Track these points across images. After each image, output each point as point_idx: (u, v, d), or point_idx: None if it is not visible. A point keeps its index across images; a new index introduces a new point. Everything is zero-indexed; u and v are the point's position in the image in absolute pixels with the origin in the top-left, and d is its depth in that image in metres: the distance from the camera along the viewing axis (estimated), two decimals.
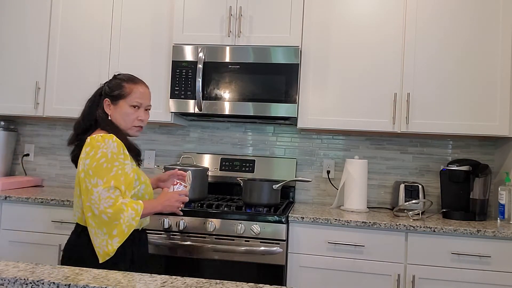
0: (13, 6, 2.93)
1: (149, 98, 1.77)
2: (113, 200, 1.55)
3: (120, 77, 1.76)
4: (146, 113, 1.76)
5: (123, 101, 1.70)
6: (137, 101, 1.71)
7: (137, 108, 1.72)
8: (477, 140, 2.78)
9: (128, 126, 1.71)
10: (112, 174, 1.56)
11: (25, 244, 2.52)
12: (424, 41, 2.52)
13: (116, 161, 1.58)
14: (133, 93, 1.71)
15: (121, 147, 1.61)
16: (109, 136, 1.61)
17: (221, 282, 0.99)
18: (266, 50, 2.56)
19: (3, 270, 0.99)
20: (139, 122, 1.73)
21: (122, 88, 1.72)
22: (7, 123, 3.15)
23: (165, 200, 1.70)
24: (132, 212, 1.57)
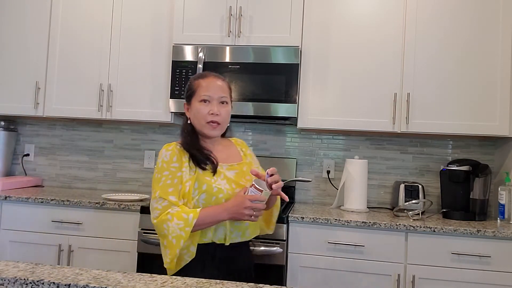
0: (13, 6, 2.94)
1: (220, 89, 1.58)
2: (159, 211, 1.47)
3: (193, 77, 1.67)
4: (221, 106, 1.58)
5: (193, 100, 1.59)
6: (204, 94, 1.56)
7: (207, 103, 1.56)
8: (477, 140, 2.78)
9: (201, 124, 1.57)
10: (160, 184, 1.49)
11: (25, 244, 2.52)
12: (424, 41, 2.52)
13: (166, 171, 1.50)
14: (200, 87, 1.58)
15: (174, 155, 1.52)
16: (169, 144, 1.56)
17: (221, 282, 0.99)
18: (266, 50, 2.56)
19: (3, 270, 0.99)
20: (211, 117, 1.55)
21: (191, 86, 1.62)
22: (7, 123, 3.15)
23: (232, 207, 1.46)
24: (179, 222, 1.43)
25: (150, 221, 2.31)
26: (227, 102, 1.60)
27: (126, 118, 2.78)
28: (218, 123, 1.57)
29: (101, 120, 2.95)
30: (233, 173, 1.58)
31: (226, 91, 1.60)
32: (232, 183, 1.54)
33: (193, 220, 1.43)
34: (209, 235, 1.52)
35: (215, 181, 1.52)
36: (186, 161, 1.52)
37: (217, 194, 1.50)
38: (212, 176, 1.52)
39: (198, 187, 1.49)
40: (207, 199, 1.50)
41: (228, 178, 1.55)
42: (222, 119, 1.58)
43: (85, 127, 3.20)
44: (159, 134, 3.11)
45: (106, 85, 2.80)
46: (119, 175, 3.13)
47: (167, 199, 1.47)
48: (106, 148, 3.16)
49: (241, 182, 1.56)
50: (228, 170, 1.58)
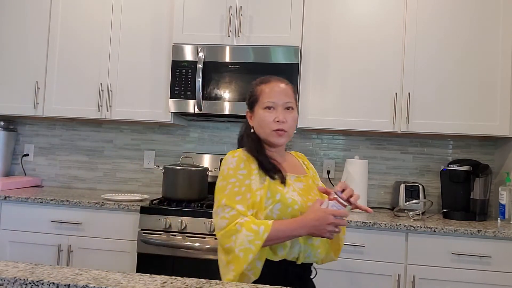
0: (13, 6, 2.93)
1: (285, 94, 1.46)
2: (227, 220, 1.30)
3: (253, 82, 1.55)
4: (287, 112, 1.45)
5: (257, 107, 1.46)
6: (268, 101, 1.43)
7: (272, 109, 1.43)
8: (478, 140, 2.78)
9: (267, 132, 1.43)
10: (226, 192, 1.34)
11: (24, 244, 2.52)
12: (424, 41, 2.51)
13: (233, 178, 1.36)
14: (263, 93, 1.46)
15: (241, 162, 1.38)
16: (235, 151, 1.43)
17: (221, 282, 0.98)
18: (266, 50, 2.56)
19: (3, 270, 0.98)
20: (276, 125, 1.42)
21: (253, 93, 1.50)
22: (6, 123, 3.15)
23: (312, 221, 1.29)
24: (249, 233, 1.26)
25: (150, 221, 2.32)
26: (292, 107, 1.46)
27: (126, 118, 2.77)
28: (285, 131, 1.43)
29: (100, 120, 2.95)
30: (301, 186, 1.46)
31: (291, 95, 1.48)
32: (302, 195, 1.42)
33: (264, 233, 1.26)
34: (282, 252, 1.34)
35: (287, 192, 1.38)
36: (255, 168, 1.39)
37: (292, 205, 1.36)
38: (283, 187, 1.39)
39: (271, 196, 1.35)
40: (283, 210, 1.35)
41: (297, 190, 1.43)
42: (289, 126, 1.44)
43: (84, 127, 3.19)
44: (159, 134, 3.11)
45: (105, 85, 2.80)
46: (119, 175, 3.13)
47: (234, 208, 1.31)
48: (105, 148, 3.16)
49: (309, 196, 1.44)
50: (296, 181, 1.46)
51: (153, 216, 2.34)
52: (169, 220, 2.31)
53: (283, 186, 1.39)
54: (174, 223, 2.31)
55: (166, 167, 2.51)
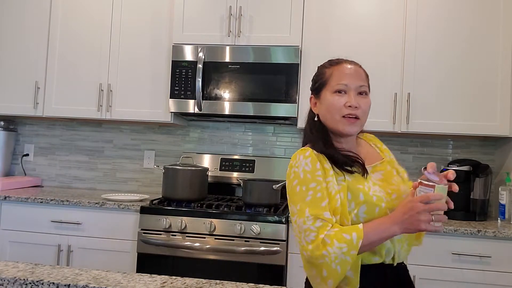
0: (13, 6, 2.93)
1: (358, 76, 1.29)
2: (314, 233, 1.13)
3: (321, 64, 1.38)
4: (361, 98, 1.27)
5: (325, 91, 1.29)
6: (339, 83, 1.26)
7: (342, 93, 1.26)
8: (478, 140, 2.78)
9: (336, 119, 1.25)
10: (308, 199, 1.16)
11: (24, 244, 2.52)
12: (424, 41, 2.51)
13: (312, 182, 1.17)
14: (333, 76, 1.28)
15: (316, 162, 1.20)
16: (302, 150, 1.25)
17: (221, 282, 0.99)
18: (266, 50, 2.56)
19: (3, 270, 0.98)
20: (348, 110, 1.24)
21: (321, 75, 1.33)
22: (6, 123, 3.15)
23: (403, 216, 1.11)
24: (341, 245, 1.10)
25: (150, 221, 2.32)
26: (366, 93, 1.30)
27: (126, 118, 2.77)
28: (357, 118, 1.25)
29: (100, 120, 2.95)
30: (379, 176, 1.28)
31: (364, 79, 1.31)
32: (383, 187, 1.25)
33: (358, 241, 1.10)
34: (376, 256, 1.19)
35: (369, 189, 1.20)
36: (329, 168, 1.20)
37: (379, 203, 1.19)
38: (364, 183, 1.21)
39: (353, 198, 1.18)
40: (369, 212, 1.18)
41: (378, 183, 1.25)
42: (362, 113, 1.26)
43: (84, 127, 3.19)
44: (158, 134, 3.11)
45: (105, 85, 2.80)
46: (119, 175, 3.13)
47: (320, 218, 1.14)
48: (105, 148, 3.16)
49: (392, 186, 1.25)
50: (373, 172, 1.28)
51: (153, 216, 2.34)
52: (169, 220, 2.31)
53: (364, 182, 1.21)
54: (174, 223, 2.31)
55: (166, 167, 2.51)
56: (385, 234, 1.13)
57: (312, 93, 1.35)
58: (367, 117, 1.30)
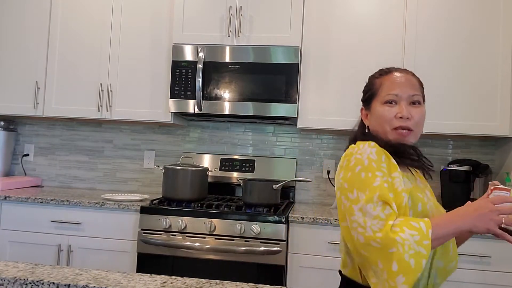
0: (13, 6, 2.93)
1: (410, 86, 1.21)
2: (383, 221, 1.01)
3: (371, 75, 1.31)
4: (412, 107, 1.19)
5: (375, 102, 1.23)
6: (389, 94, 1.20)
7: (393, 104, 1.19)
8: (478, 140, 2.78)
9: (386, 130, 1.19)
10: (376, 184, 1.06)
11: (24, 244, 2.52)
12: (424, 41, 2.51)
13: (378, 171, 1.09)
14: (383, 86, 1.22)
15: (383, 154, 1.13)
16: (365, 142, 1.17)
17: (221, 282, 0.99)
18: (266, 50, 2.56)
19: (3, 270, 0.98)
20: (399, 121, 1.17)
21: (371, 86, 1.27)
22: (6, 123, 3.15)
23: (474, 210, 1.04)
24: (412, 232, 0.99)
25: (150, 221, 2.32)
26: (420, 102, 1.21)
27: (126, 118, 2.77)
28: (410, 129, 1.17)
29: (100, 120, 2.95)
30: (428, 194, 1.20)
31: (417, 88, 1.23)
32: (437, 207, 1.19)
33: (428, 230, 0.99)
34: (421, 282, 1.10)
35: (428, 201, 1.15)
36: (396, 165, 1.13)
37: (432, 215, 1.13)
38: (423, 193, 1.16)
39: (413, 205, 1.11)
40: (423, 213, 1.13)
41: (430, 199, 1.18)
42: (415, 124, 1.18)
43: (84, 127, 3.19)
44: (158, 134, 3.11)
45: (105, 85, 2.80)
46: (119, 175, 3.13)
47: (389, 204, 1.04)
48: (105, 148, 3.16)
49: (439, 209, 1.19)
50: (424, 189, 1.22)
51: (153, 216, 2.34)
52: (169, 220, 2.31)
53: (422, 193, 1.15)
54: (174, 223, 2.31)
55: (166, 167, 2.51)
56: (453, 228, 1.02)
57: (363, 104, 1.30)
58: (421, 128, 1.22)
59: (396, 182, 1.09)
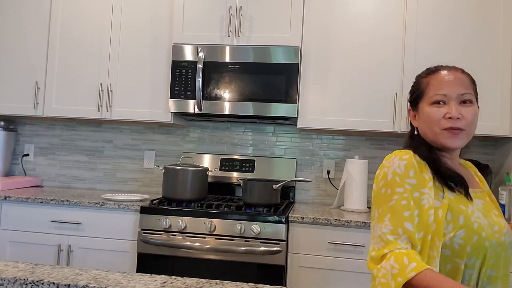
0: (13, 6, 2.93)
1: (460, 84, 1.15)
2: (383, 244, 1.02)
3: (418, 74, 1.26)
4: (464, 107, 1.13)
5: (422, 103, 1.19)
6: (437, 94, 1.15)
7: (442, 104, 1.14)
8: (478, 140, 2.78)
9: (435, 131, 1.14)
10: (391, 204, 1.06)
11: (24, 244, 2.52)
12: (424, 41, 2.51)
13: (400, 187, 1.07)
14: (430, 85, 1.17)
15: (412, 168, 1.09)
16: (401, 151, 1.15)
17: (221, 282, 0.99)
18: (266, 50, 2.56)
19: (3, 270, 0.98)
20: (448, 122, 1.12)
21: (418, 86, 1.22)
22: (6, 123, 3.15)
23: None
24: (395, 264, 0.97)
25: (150, 221, 2.32)
26: (471, 101, 1.14)
27: (126, 118, 2.77)
28: (461, 129, 1.12)
29: (100, 120, 2.95)
30: (480, 204, 1.13)
31: (468, 86, 1.16)
32: (486, 216, 1.10)
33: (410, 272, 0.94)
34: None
35: (472, 213, 1.07)
36: (429, 179, 1.09)
37: (479, 232, 1.04)
38: (467, 205, 1.08)
39: (453, 219, 1.05)
40: (467, 239, 1.03)
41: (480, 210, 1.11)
42: (467, 124, 1.12)
43: (84, 127, 3.19)
44: (158, 134, 3.11)
45: (105, 85, 2.80)
46: (119, 175, 3.13)
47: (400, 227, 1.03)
48: (105, 148, 3.16)
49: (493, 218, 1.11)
50: (475, 198, 1.14)
51: (153, 216, 2.34)
52: (169, 220, 2.31)
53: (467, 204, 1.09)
54: (174, 223, 2.31)
55: (166, 167, 2.51)
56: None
57: (410, 105, 1.25)
58: (474, 128, 1.16)
59: (425, 199, 1.06)
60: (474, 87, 1.20)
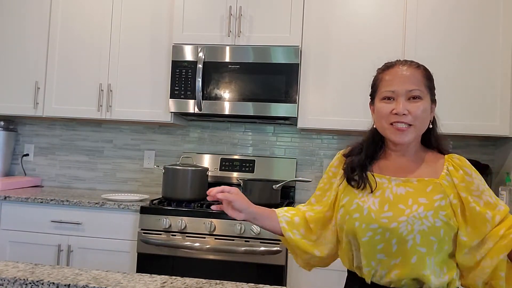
0: (13, 6, 2.93)
1: (409, 80, 1.17)
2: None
3: (378, 68, 1.30)
4: (410, 103, 1.16)
5: (376, 98, 1.24)
6: (386, 90, 1.19)
7: (391, 100, 1.18)
8: (477, 140, 2.78)
9: (383, 126, 1.19)
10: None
11: (24, 244, 2.52)
12: (424, 41, 2.51)
13: (325, 174, 1.34)
14: (382, 81, 1.22)
15: (339, 161, 1.31)
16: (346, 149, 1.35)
17: (221, 282, 0.99)
18: (266, 50, 2.56)
19: (3, 270, 0.98)
20: (394, 117, 1.15)
21: (374, 81, 1.27)
22: (6, 123, 3.15)
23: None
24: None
25: (150, 221, 2.33)
26: (420, 97, 1.16)
27: (126, 118, 2.77)
28: (408, 124, 1.15)
29: (100, 120, 2.95)
30: (403, 191, 1.16)
31: (418, 81, 1.18)
32: (387, 203, 1.15)
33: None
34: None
35: (362, 196, 1.19)
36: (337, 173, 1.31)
37: (352, 213, 1.17)
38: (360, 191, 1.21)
39: (341, 199, 1.24)
40: (342, 217, 1.20)
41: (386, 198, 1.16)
42: (413, 119, 1.15)
43: (84, 127, 3.19)
44: (158, 134, 3.11)
45: (105, 85, 2.80)
46: (119, 175, 3.13)
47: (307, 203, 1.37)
48: (105, 148, 3.16)
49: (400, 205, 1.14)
50: (398, 185, 1.18)
51: (153, 216, 2.34)
52: (169, 220, 2.31)
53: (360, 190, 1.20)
54: (174, 223, 2.31)
55: (166, 167, 2.51)
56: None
57: (371, 99, 1.29)
58: (424, 122, 1.18)
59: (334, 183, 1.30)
60: (428, 82, 1.21)
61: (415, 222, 1.09)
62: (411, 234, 1.09)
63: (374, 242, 1.13)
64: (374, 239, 1.13)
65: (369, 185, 1.19)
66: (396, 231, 1.10)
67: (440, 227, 1.09)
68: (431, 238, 1.09)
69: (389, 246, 1.12)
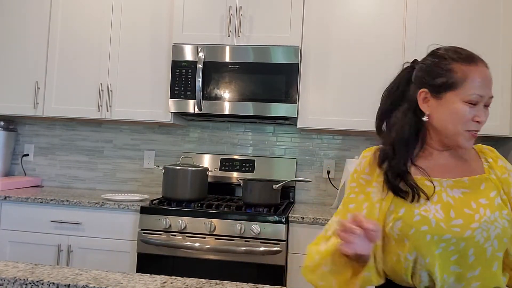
0: (13, 6, 2.93)
1: (490, 84, 1.07)
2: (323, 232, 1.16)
3: (446, 55, 1.11)
4: (485, 110, 1.08)
5: (452, 94, 1.07)
6: (475, 93, 1.04)
7: (475, 105, 1.06)
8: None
9: (457, 130, 1.08)
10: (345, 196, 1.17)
11: (24, 244, 2.52)
12: (424, 41, 2.51)
13: (354, 182, 1.15)
14: (470, 81, 1.05)
15: (370, 166, 1.14)
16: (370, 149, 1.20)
17: (221, 282, 0.99)
18: (266, 50, 2.56)
19: (3, 270, 0.98)
20: (474, 126, 1.07)
21: (449, 73, 1.08)
22: (6, 123, 3.15)
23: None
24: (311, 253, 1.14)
25: (150, 221, 2.32)
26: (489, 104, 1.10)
27: (126, 118, 2.77)
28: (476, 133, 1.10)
29: (100, 120, 2.95)
30: (459, 193, 1.06)
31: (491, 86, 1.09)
32: (451, 209, 1.03)
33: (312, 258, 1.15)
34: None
35: (420, 206, 1.04)
36: (379, 175, 1.12)
37: (418, 226, 1.01)
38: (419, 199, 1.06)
39: (394, 210, 1.06)
40: (404, 230, 1.02)
41: (445, 202, 1.04)
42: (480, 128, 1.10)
43: (84, 127, 3.19)
44: (158, 134, 3.11)
45: (105, 85, 2.80)
46: (119, 175, 3.13)
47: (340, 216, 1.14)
48: (105, 148, 3.16)
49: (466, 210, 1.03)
50: (451, 187, 1.07)
51: (153, 216, 2.34)
52: (169, 220, 2.31)
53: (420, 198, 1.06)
54: (174, 223, 2.31)
55: (166, 167, 2.51)
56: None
57: (428, 88, 1.11)
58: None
59: (373, 192, 1.10)
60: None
61: (489, 228, 1.00)
62: (488, 241, 1.00)
63: (447, 254, 1.01)
64: (447, 250, 1.01)
65: (422, 193, 1.05)
66: (471, 240, 1.00)
67: (508, 227, 1.02)
68: (505, 241, 1.02)
69: (464, 257, 1.01)
